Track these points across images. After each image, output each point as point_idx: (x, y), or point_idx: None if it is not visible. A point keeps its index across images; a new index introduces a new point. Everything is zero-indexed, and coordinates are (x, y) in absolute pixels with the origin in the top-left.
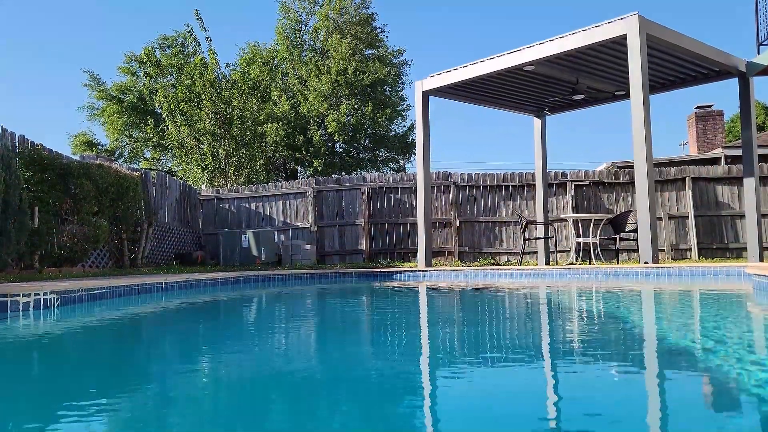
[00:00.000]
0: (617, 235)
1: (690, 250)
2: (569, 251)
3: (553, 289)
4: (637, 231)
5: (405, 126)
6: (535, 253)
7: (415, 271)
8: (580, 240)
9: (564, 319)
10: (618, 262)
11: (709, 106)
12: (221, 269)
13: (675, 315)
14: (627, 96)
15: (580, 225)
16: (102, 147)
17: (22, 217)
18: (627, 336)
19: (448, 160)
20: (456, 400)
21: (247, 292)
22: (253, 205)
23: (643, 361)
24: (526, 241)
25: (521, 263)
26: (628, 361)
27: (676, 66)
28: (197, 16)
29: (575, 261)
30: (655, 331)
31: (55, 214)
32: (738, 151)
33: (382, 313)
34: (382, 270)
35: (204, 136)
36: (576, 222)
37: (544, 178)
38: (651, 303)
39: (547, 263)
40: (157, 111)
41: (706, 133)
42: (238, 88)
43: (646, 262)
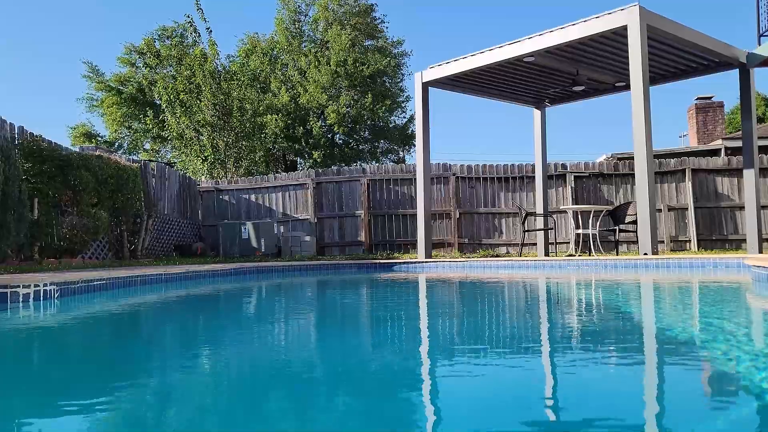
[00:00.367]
0: (617, 227)
1: (689, 241)
2: (569, 243)
3: (553, 281)
4: (636, 222)
5: (405, 117)
6: (534, 245)
7: (415, 262)
8: (580, 231)
9: (562, 309)
10: (617, 254)
11: (709, 98)
12: (221, 261)
13: (674, 306)
14: (627, 87)
15: (579, 216)
16: (101, 138)
17: (21, 209)
18: (626, 327)
19: (448, 151)
20: (454, 392)
21: (247, 283)
22: (253, 197)
23: (641, 352)
24: (526, 233)
25: (521, 254)
26: (627, 351)
27: (676, 57)
28: (197, 7)
29: (575, 252)
30: (654, 322)
31: (54, 206)
32: (738, 143)
33: (381, 304)
34: (382, 261)
35: (204, 127)
36: (576, 213)
37: (544, 170)
38: (650, 294)
39: (546, 255)
40: (157, 102)
41: (706, 124)
42: (237, 80)
43: (646, 254)
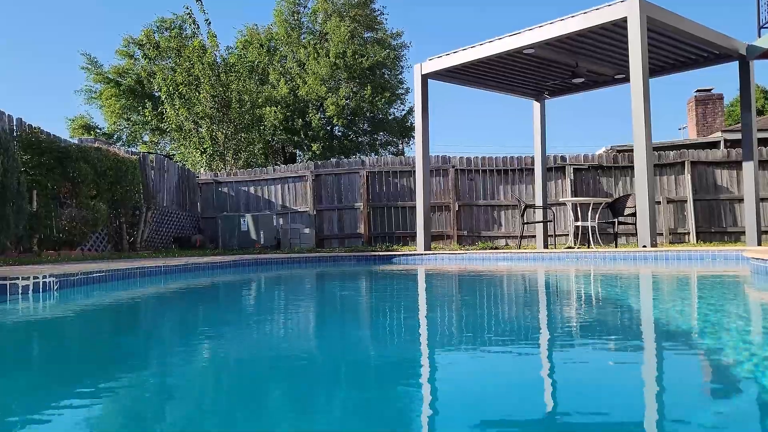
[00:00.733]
0: (616, 219)
1: (688, 234)
2: (568, 235)
3: (552, 273)
4: (635, 215)
5: (404, 109)
6: (533, 237)
7: (414, 254)
8: (579, 224)
9: (561, 301)
10: (616, 246)
11: (709, 90)
12: (220, 253)
13: (673, 299)
14: (627, 79)
15: (578, 209)
16: (100, 130)
17: (20, 201)
18: (624, 319)
19: (447, 144)
20: (453, 380)
21: (246, 275)
22: (252, 189)
23: (639, 343)
24: (525, 225)
25: (520, 247)
26: (624, 343)
27: (676, 49)
28: None
29: (574, 245)
30: (652, 314)
31: (53, 198)
32: (737, 135)
33: (381, 296)
34: (381, 254)
35: (203, 119)
36: (575, 206)
37: (543, 162)
38: (649, 287)
39: (545, 247)
40: (155, 94)
41: (705, 116)
42: (236, 71)
43: (645, 246)
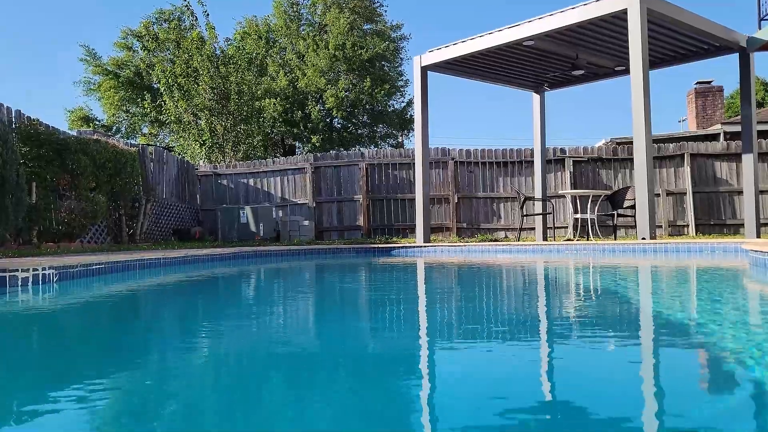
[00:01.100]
0: (615, 212)
1: (687, 226)
2: (567, 227)
3: (551, 265)
4: (635, 207)
5: (403, 102)
6: (533, 229)
7: (414, 247)
8: (578, 216)
9: (560, 293)
10: (615, 239)
11: (708, 82)
12: (219, 245)
13: (671, 290)
14: (627, 71)
15: (578, 201)
16: (99, 122)
17: (19, 193)
18: (622, 310)
19: (446, 136)
20: (453, 369)
21: (246, 267)
22: (251, 181)
23: (637, 334)
24: (524, 217)
25: (519, 239)
26: (622, 334)
27: (676, 41)
28: None
29: (573, 237)
30: (651, 305)
31: (52, 190)
32: (737, 127)
33: (380, 287)
34: (381, 246)
35: (202, 111)
36: (574, 198)
37: (543, 154)
38: (648, 279)
39: (545, 239)
40: (154, 86)
41: (705, 109)
42: (234, 63)
43: (644, 239)
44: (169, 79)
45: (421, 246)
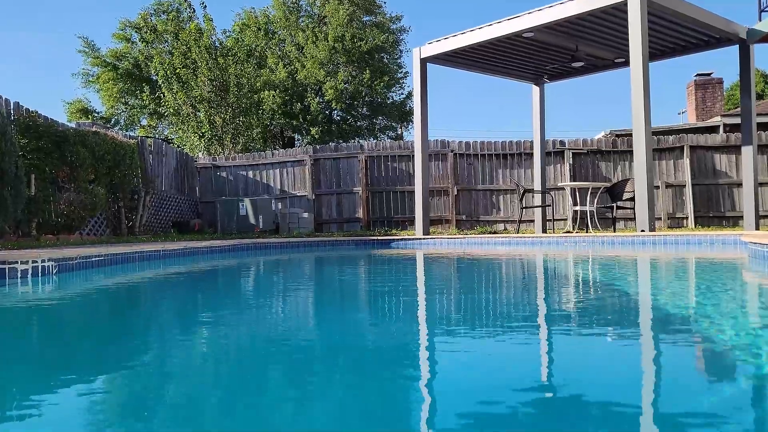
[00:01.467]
0: (614, 204)
1: (687, 218)
2: (566, 219)
3: (550, 257)
4: (634, 199)
5: (403, 94)
6: (532, 222)
7: (413, 239)
8: (578, 208)
9: (559, 284)
10: (615, 231)
11: (708, 74)
12: (219, 237)
13: (670, 282)
14: (627, 63)
15: (577, 193)
16: (98, 114)
17: (18, 185)
18: (621, 302)
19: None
20: (454, 358)
21: (245, 259)
22: (251, 173)
23: (636, 326)
24: (524, 210)
25: (518, 231)
26: (621, 325)
27: (676, 33)
28: None
29: (572, 229)
30: (650, 297)
31: (51, 182)
32: (737, 120)
33: (380, 279)
34: (380, 238)
35: (200, 103)
36: (573, 190)
37: (542, 147)
38: (647, 271)
39: (544, 231)
40: (153, 78)
41: (705, 101)
42: (233, 55)
43: (643, 231)
44: (168, 71)
45: (420, 238)
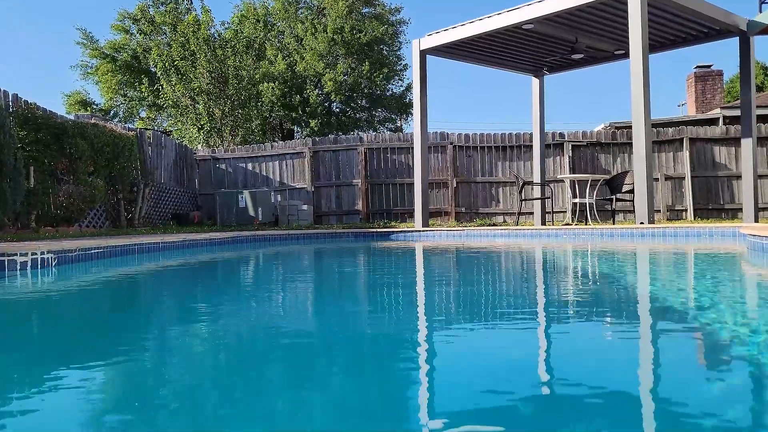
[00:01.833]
0: (614, 196)
1: (686, 210)
2: (566, 212)
3: (549, 249)
4: (633, 192)
5: (402, 86)
6: (531, 214)
7: (412, 231)
8: (577, 201)
9: (558, 276)
10: (614, 223)
11: (708, 66)
12: (218, 229)
13: (669, 274)
14: (626, 55)
15: (576, 186)
16: (96, 106)
17: (17, 177)
18: (619, 294)
19: (445, 120)
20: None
21: (245, 252)
22: (250, 165)
23: (635, 318)
24: (523, 202)
25: (518, 224)
26: (620, 317)
27: (676, 24)
28: None
29: (571, 221)
30: (649, 289)
31: (50, 174)
32: (736, 112)
33: (379, 271)
34: (380, 230)
35: (199, 95)
36: (573, 183)
37: (542, 139)
38: (646, 263)
39: (543, 224)
40: (152, 70)
41: (705, 93)
42: (232, 47)
43: (642, 223)
44: (166, 63)
45: (419, 230)
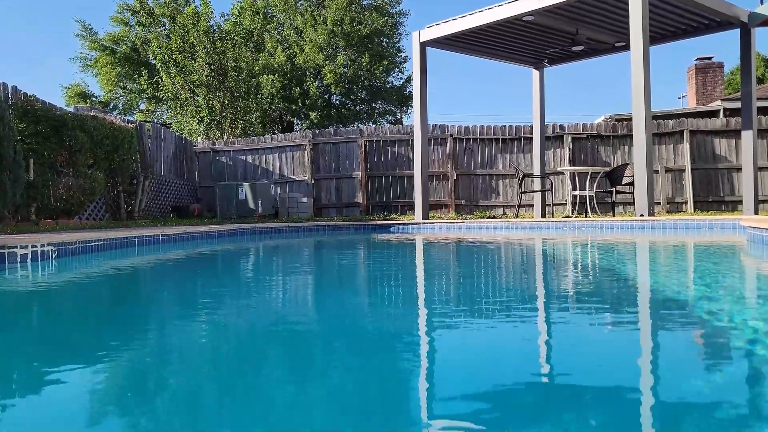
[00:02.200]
0: (614, 188)
1: (686, 203)
2: (566, 204)
3: (549, 242)
4: (633, 184)
5: (402, 78)
6: (531, 206)
7: (412, 223)
8: (577, 193)
9: (557, 268)
10: (614, 215)
11: (709, 58)
12: (218, 222)
13: (669, 266)
14: (627, 47)
15: (576, 178)
16: (96, 99)
17: (17, 170)
18: (619, 286)
19: (445, 112)
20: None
21: (244, 244)
22: (250, 158)
23: (634, 309)
24: (523, 194)
25: (518, 216)
26: (619, 309)
27: (677, 16)
28: None
29: (571, 214)
30: (648, 281)
31: (50, 167)
32: (737, 104)
33: (379, 263)
34: (379, 223)
35: (199, 87)
36: (573, 175)
37: (542, 131)
38: (646, 255)
39: (543, 216)
40: (151, 62)
41: (705, 85)
42: (231, 39)
43: (642, 215)
44: (165, 55)
45: (419, 223)
